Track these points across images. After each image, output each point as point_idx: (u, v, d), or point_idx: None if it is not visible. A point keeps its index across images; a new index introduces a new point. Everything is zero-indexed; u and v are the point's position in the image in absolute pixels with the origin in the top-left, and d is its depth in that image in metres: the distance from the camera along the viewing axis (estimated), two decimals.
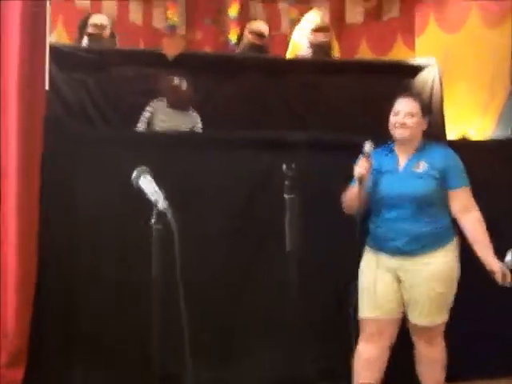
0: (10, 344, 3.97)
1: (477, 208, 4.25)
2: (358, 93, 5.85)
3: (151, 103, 5.31)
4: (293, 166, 3.86)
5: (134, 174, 3.42)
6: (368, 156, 4.19)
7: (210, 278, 4.54)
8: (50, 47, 4.30)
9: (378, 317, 4.23)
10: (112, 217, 4.45)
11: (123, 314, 4.42)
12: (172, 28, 9.25)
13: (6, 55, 3.98)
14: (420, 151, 4.31)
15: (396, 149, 4.36)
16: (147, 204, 3.34)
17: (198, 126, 5.38)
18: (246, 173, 4.72)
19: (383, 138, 4.38)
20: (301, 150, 4.64)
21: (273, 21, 9.52)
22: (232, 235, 4.64)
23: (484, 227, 4.21)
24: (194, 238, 4.15)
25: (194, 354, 3.31)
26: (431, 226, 4.20)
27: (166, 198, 3.31)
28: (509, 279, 4.07)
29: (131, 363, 4.34)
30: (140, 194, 3.38)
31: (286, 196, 3.89)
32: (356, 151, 4.33)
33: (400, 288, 4.24)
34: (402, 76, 6.15)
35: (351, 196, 4.28)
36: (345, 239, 4.44)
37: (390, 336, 4.28)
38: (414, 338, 4.34)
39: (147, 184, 3.36)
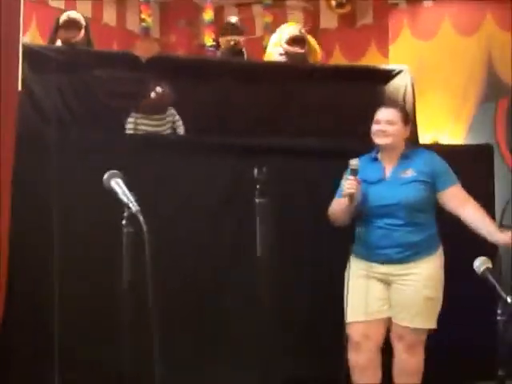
0: None
1: (472, 199, 4.33)
2: (330, 98, 5.84)
3: (131, 115, 5.30)
4: (264, 170, 3.86)
5: (106, 176, 3.42)
6: (356, 173, 4.19)
7: (180, 282, 4.53)
8: (23, 47, 4.27)
9: (365, 320, 4.24)
10: (83, 220, 4.42)
11: (95, 321, 4.40)
12: (146, 30, 9.21)
13: None
14: (404, 158, 4.35)
15: (380, 157, 4.39)
16: (119, 207, 3.33)
17: (177, 119, 5.36)
18: (218, 177, 4.72)
19: (355, 144, 4.41)
20: (273, 154, 4.65)
21: (247, 25, 9.52)
22: (203, 239, 4.63)
23: (484, 212, 4.29)
24: (165, 242, 4.14)
25: (165, 359, 3.29)
26: (421, 234, 4.26)
27: (138, 201, 3.30)
28: None
29: (102, 369, 4.32)
30: (111, 196, 3.38)
31: (256, 200, 3.88)
32: (327, 156, 4.36)
33: (388, 292, 4.27)
34: (375, 82, 6.17)
35: (339, 210, 4.30)
36: (316, 244, 4.47)
37: (376, 339, 4.30)
38: (395, 344, 4.34)
39: (118, 187, 3.36)
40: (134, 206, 3.27)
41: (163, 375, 3.28)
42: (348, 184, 4.17)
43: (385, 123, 4.31)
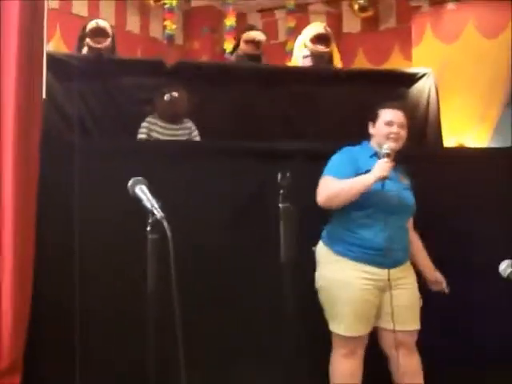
0: (5, 352, 3.95)
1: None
2: (353, 102, 5.84)
3: (146, 120, 5.31)
4: (287, 175, 3.84)
5: (130, 182, 3.43)
6: (389, 157, 4.08)
7: (205, 287, 4.53)
8: (47, 56, 4.31)
9: (363, 333, 4.19)
10: (108, 227, 4.43)
11: (119, 323, 4.40)
12: (170, 37, 9.27)
13: (3, 63, 3.98)
14: (396, 163, 4.20)
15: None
16: (144, 214, 3.35)
17: (195, 135, 5.39)
18: (241, 182, 4.68)
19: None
20: (295, 159, 4.64)
21: (270, 30, 9.56)
22: (227, 245, 4.62)
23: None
24: (187, 247, 4.11)
25: (189, 367, 3.30)
26: (408, 234, 4.31)
27: (161, 207, 3.31)
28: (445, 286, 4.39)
29: (126, 374, 4.33)
30: (136, 203, 3.39)
31: (280, 205, 3.87)
32: None
33: (383, 299, 4.16)
34: (398, 85, 6.16)
35: (353, 191, 4.07)
36: None
37: (365, 345, 4.24)
38: (394, 352, 4.20)
39: (142, 193, 3.37)
40: (158, 213, 3.29)
41: (188, 378, 3.29)
42: (386, 166, 4.01)
43: (398, 126, 4.23)
